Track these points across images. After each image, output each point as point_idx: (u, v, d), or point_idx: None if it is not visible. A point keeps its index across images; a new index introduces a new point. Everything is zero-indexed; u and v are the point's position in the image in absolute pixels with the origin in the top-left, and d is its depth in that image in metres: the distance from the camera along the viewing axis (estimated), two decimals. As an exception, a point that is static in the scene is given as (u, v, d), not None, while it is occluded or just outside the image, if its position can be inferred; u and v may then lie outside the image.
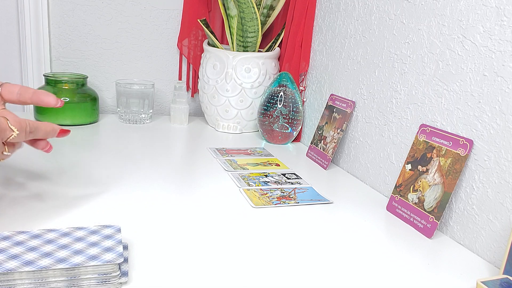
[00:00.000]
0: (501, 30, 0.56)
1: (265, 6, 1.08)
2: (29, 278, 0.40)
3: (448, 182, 0.61)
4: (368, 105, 0.82)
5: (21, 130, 0.51)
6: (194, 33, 1.20)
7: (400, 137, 0.74)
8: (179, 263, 0.49)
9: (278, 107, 1.01)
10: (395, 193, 0.70)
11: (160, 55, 1.22)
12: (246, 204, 0.67)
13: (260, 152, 0.96)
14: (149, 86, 1.10)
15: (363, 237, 0.60)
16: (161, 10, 1.18)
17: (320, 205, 0.69)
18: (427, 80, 0.68)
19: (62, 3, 1.10)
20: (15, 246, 0.43)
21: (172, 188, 0.70)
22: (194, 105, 1.29)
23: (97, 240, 0.45)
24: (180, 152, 0.91)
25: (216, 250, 0.52)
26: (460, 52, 0.62)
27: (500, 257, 0.55)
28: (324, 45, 0.98)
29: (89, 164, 0.78)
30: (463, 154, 0.60)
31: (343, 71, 0.90)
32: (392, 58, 0.76)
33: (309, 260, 0.52)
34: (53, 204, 0.60)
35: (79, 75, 1.07)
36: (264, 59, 1.08)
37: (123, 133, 1.01)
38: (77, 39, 1.14)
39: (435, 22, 0.67)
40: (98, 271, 0.41)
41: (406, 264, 0.53)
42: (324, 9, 0.98)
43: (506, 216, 0.55)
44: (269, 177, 0.79)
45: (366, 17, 0.83)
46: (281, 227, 0.60)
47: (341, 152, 0.90)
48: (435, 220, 0.61)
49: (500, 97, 0.56)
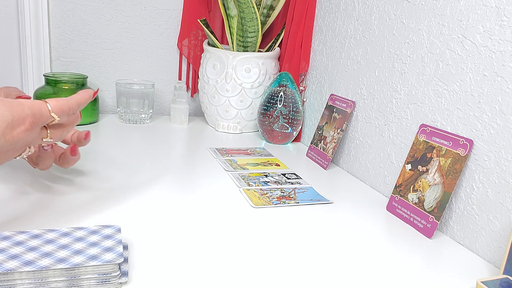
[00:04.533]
0: (501, 30, 0.56)
1: (265, 6, 1.08)
2: (29, 278, 0.40)
3: (448, 182, 0.61)
4: (368, 105, 0.82)
5: (62, 116, 0.49)
6: (194, 33, 1.20)
7: (400, 137, 0.74)
8: (179, 263, 0.49)
9: (278, 107, 1.01)
10: (395, 193, 0.70)
11: (160, 55, 1.22)
12: (246, 204, 0.67)
13: (260, 152, 0.96)
14: (149, 86, 1.10)
15: (363, 237, 0.60)
16: (161, 10, 1.18)
17: (320, 205, 0.69)
18: (427, 80, 0.68)
19: (62, 3, 1.10)
20: (15, 246, 0.43)
21: (172, 188, 0.70)
22: (194, 105, 1.29)
23: (97, 240, 0.45)
24: (180, 152, 0.91)
25: (216, 250, 0.52)
26: (460, 52, 0.62)
27: (500, 257, 0.55)
28: (324, 45, 0.98)
29: (89, 164, 0.78)
30: (463, 154, 0.60)
31: (343, 71, 0.90)
32: (392, 58, 0.76)
33: (309, 260, 0.52)
34: (53, 204, 0.60)
35: (79, 75, 1.07)
36: (264, 59, 1.08)
37: (123, 133, 1.01)
38: (77, 39, 1.14)
39: (435, 22, 0.67)
40: (98, 271, 0.41)
41: (406, 264, 0.53)
42: (324, 9, 0.98)
43: (506, 216, 0.55)
44: (269, 177, 0.79)
45: (366, 17, 0.83)
46: (281, 227, 0.60)
47: (341, 152, 0.90)
48: (435, 220, 0.61)
49: (500, 97, 0.56)
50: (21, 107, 0.45)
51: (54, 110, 0.48)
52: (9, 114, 0.44)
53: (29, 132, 0.46)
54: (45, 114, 0.47)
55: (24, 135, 0.45)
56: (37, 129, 0.48)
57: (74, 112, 0.52)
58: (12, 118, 0.44)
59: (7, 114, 0.43)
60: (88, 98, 0.54)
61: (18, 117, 0.44)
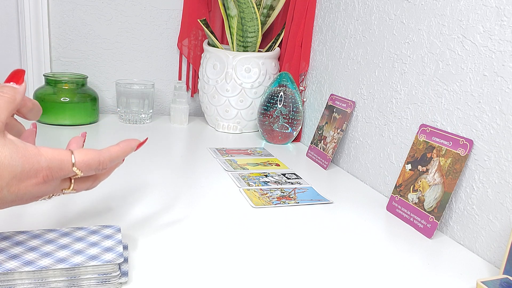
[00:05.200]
0: (501, 30, 0.56)
1: (265, 6, 1.08)
2: (29, 278, 0.40)
3: (448, 182, 0.61)
4: (368, 105, 0.82)
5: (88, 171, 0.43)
6: (194, 33, 1.20)
7: (400, 137, 0.74)
8: (179, 263, 0.49)
9: (278, 107, 1.01)
10: (395, 193, 0.70)
11: (160, 55, 1.22)
12: (246, 204, 0.67)
13: (260, 152, 0.96)
14: (149, 86, 1.10)
15: (363, 237, 0.60)
16: (161, 10, 1.18)
17: (320, 205, 0.69)
18: (427, 80, 0.68)
19: (62, 3, 1.10)
20: (15, 246, 0.43)
21: (172, 188, 0.70)
22: (194, 105, 1.29)
23: (97, 240, 0.45)
24: (180, 152, 0.91)
25: (216, 250, 0.52)
26: (460, 52, 0.62)
27: (500, 257, 0.55)
28: (324, 45, 0.98)
29: (89, 164, 0.78)
30: (463, 154, 0.60)
31: (343, 71, 0.90)
32: (392, 58, 0.76)
33: (309, 260, 0.52)
34: (53, 204, 0.60)
35: (79, 75, 1.07)
36: (264, 59, 1.08)
37: (123, 133, 1.01)
38: (77, 39, 1.14)
39: (435, 22, 0.67)
40: (98, 271, 0.41)
41: (406, 264, 0.53)
42: (324, 9, 0.98)
43: (506, 216, 0.55)
44: (269, 177, 0.79)
45: (366, 17, 0.83)
46: (281, 227, 0.60)
47: (341, 152, 0.90)
48: (435, 220, 0.61)
49: (500, 97, 0.56)
50: (37, 158, 0.39)
51: (78, 164, 0.42)
52: (20, 164, 0.38)
53: (41, 186, 0.40)
54: (66, 168, 0.41)
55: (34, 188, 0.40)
56: (54, 182, 0.42)
57: (105, 168, 0.44)
58: (22, 170, 0.38)
59: (17, 165, 0.38)
60: (129, 151, 0.47)
61: (30, 169, 0.39)
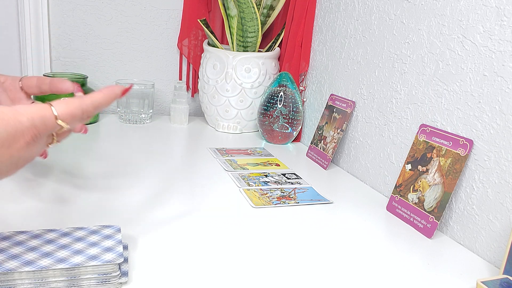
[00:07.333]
0: (501, 30, 0.56)
1: (265, 6, 1.08)
2: (29, 278, 0.40)
3: (448, 182, 0.61)
4: (368, 105, 0.82)
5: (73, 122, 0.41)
6: (194, 33, 1.20)
7: (400, 137, 0.74)
8: (179, 263, 0.49)
9: (278, 107, 1.01)
10: (395, 193, 0.70)
11: (160, 55, 1.22)
12: (246, 204, 0.67)
13: (260, 152, 0.95)
14: (149, 86, 1.10)
15: (363, 237, 0.60)
16: (161, 10, 1.18)
17: (320, 205, 0.69)
18: (427, 80, 0.68)
19: (62, 3, 1.10)
20: (15, 246, 0.43)
21: (172, 188, 0.70)
22: (194, 105, 1.29)
23: (97, 240, 0.45)
24: (180, 152, 0.91)
25: (216, 250, 0.52)
26: (460, 52, 0.62)
27: (500, 257, 0.55)
28: (324, 45, 0.98)
29: (89, 164, 0.78)
30: (463, 154, 0.60)
31: (343, 71, 0.90)
32: (392, 58, 0.76)
33: (309, 260, 0.52)
34: (53, 204, 0.60)
35: (79, 75, 1.07)
36: (264, 59, 1.08)
37: (123, 133, 1.01)
38: (77, 39, 1.14)
39: (435, 22, 0.67)
40: (98, 271, 0.41)
41: (406, 264, 0.53)
42: (324, 9, 0.98)
43: (506, 216, 0.55)
44: (269, 177, 0.79)
45: (366, 17, 0.83)
46: (281, 227, 0.60)
47: (341, 152, 0.90)
48: (435, 220, 0.61)
49: (500, 97, 0.56)
50: (18, 118, 0.38)
51: (62, 116, 0.40)
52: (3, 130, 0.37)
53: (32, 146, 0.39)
54: (50, 123, 0.40)
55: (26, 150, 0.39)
56: (42, 140, 0.41)
57: (90, 116, 0.43)
58: (7, 135, 0.37)
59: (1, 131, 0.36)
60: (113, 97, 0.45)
61: (15, 131, 0.37)
